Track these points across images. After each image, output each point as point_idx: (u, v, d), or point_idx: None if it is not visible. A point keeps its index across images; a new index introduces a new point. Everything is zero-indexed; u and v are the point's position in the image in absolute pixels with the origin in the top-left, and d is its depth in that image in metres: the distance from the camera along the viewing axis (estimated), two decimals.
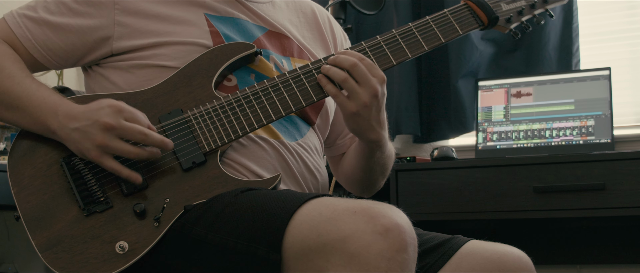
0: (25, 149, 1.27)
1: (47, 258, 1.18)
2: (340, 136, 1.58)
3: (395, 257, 1.00)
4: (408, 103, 2.86)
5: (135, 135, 1.20)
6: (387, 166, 1.49)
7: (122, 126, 1.19)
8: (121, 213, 1.21)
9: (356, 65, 1.27)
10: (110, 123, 1.18)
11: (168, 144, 1.23)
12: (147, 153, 1.22)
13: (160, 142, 1.22)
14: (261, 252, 1.07)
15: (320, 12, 1.59)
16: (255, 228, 1.10)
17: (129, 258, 1.18)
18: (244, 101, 1.30)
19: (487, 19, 1.42)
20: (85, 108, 1.22)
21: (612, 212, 2.15)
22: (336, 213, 1.04)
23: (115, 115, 1.19)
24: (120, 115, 1.20)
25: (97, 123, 1.19)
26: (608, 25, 2.82)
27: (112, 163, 1.21)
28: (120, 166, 1.21)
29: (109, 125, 1.18)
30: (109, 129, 1.19)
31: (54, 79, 2.78)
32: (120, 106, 1.21)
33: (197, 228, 1.17)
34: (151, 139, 1.21)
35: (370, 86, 1.27)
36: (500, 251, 1.30)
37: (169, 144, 1.23)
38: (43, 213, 1.21)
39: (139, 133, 1.20)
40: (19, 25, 1.33)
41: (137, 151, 1.21)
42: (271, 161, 1.33)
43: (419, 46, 1.37)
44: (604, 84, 2.49)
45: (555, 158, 2.25)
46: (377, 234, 1.00)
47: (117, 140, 1.20)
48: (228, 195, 1.19)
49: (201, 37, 1.34)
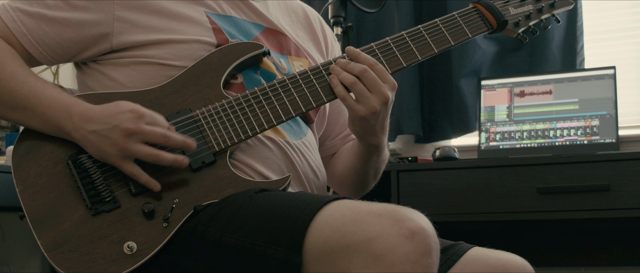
0: (30, 147, 1.25)
1: (54, 258, 1.17)
2: (330, 138, 1.58)
3: (420, 260, 1.00)
4: (409, 102, 2.86)
5: (158, 138, 1.20)
6: (380, 169, 1.50)
7: (144, 131, 1.18)
8: (129, 213, 1.20)
9: (366, 71, 1.27)
10: (132, 128, 1.18)
11: (191, 145, 1.22)
12: (172, 157, 1.21)
13: (183, 143, 1.21)
14: (281, 253, 1.07)
15: (311, 13, 1.59)
16: (274, 230, 1.09)
17: (137, 258, 1.17)
18: (254, 101, 1.29)
19: (496, 22, 1.43)
20: (104, 110, 1.21)
21: (617, 213, 2.15)
22: (360, 215, 1.04)
23: (137, 120, 1.18)
24: (142, 120, 1.19)
25: (117, 128, 1.18)
26: (613, 23, 2.81)
27: (132, 168, 1.20)
28: (140, 172, 1.20)
29: (131, 130, 1.18)
30: (131, 135, 1.18)
31: (49, 77, 2.76)
32: (141, 111, 1.20)
33: (210, 230, 1.16)
34: (173, 141, 1.21)
35: (381, 92, 1.27)
36: (504, 259, 1.31)
37: (192, 145, 1.22)
38: (49, 212, 1.20)
39: (161, 136, 1.20)
40: (13, 20, 1.29)
41: (159, 153, 1.20)
42: (277, 162, 1.33)
43: (428, 49, 1.37)
44: (608, 83, 2.48)
45: (559, 159, 2.25)
46: (403, 237, 1.00)
47: (139, 144, 1.19)
48: (242, 196, 1.19)
49: (204, 35, 1.34)
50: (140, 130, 1.18)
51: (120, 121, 1.18)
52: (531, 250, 1.33)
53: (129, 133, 1.18)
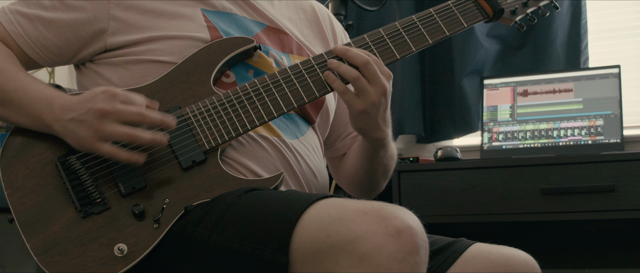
0: (18, 149, 1.25)
1: (43, 262, 1.16)
2: (341, 138, 1.58)
3: (407, 259, 0.99)
4: (411, 101, 2.85)
5: (132, 116, 1.17)
6: (389, 167, 1.49)
7: (117, 110, 1.16)
8: (119, 214, 1.20)
9: (368, 63, 1.26)
10: (105, 108, 1.16)
11: (170, 122, 1.20)
12: (149, 135, 1.18)
13: (160, 121, 1.19)
14: (267, 253, 1.06)
15: (320, 10, 1.58)
16: (261, 230, 1.08)
17: (128, 260, 1.17)
18: (244, 97, 1.28)
19: (492, 11, 1.41)
20: (80, 97, 1.20)
21: (621, 214, 2.13)
22: (346, 214, 1.03)
23: (110, 100, 1.17)
24: (115, 99, 1.17)
25: (91, 110, 1.17)
26: (617, 22, 2.80)
27: (109, 149, 1.18)
28: (117, 151, 1.18)
29: (104, 110, 1.16)
30: (104, 115, 1.16)
31: (46, 77, 2.77)
32: (113, 91, 1.18)
33: (199, 230, 1.16)
34: (149, 119, 1.18)
35: (380, 84, 1.26)
36: (507, 254, 1.30)
37: (172, 122, 1.20)
38: (38, 215, 1.20)
39: (136, 115, 1.17)
40: (10, 22, 1.31)
41: (134, 132, 1.17)
42: (272, 160, 1.32)
43: (422, 39, 1.36)
44: (613, 82, 2.47)
45: (563, 159, 2.23)
46: (389, 236, 0.99)
47: (114, 124, 1.17)
48: (231, 195, 1.18)
49: (198, 32, 1.33)
50: (114, 109, 1.16)
51: (94, 103, 1.17)
52: (534, 251, 1.33)
53: (102, 113, 1.16)
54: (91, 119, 1.17)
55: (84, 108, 1.18)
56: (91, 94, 1.19)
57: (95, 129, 1.16)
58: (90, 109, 1.17)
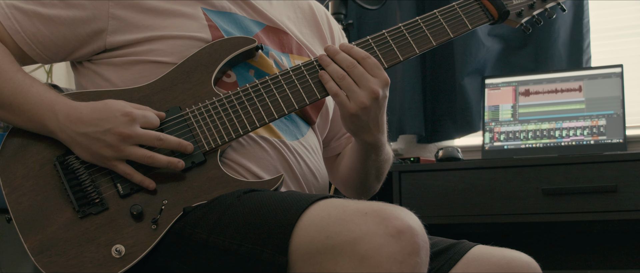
0: (17, 148, 1.24)
1: (40, 262, 1.16)
2: (336, 138, 1.57)
3: (407, 260, 0.98)
4: (412, 101, 2.84)
5: (153, 142, 1.20)
6: (382, 170, 1.48)
7: (138, 134, 1.19)
8: (117, 215, 1.20)
9: (355, 66, 1.26)
10: (126, 133, 1.18)
11: (186, 147, 1.23)
12: (166, 160, 1.21)
13: (178, 146, 1.22)
14: (266, 254, 1.06)
15: (318, 9, 1.58)
16: (260, 231, 1.08)
17: (125, 262, 1.17)
18: (245, 98, 1.28)
19: (498, 13, 1.40)
20: (94, 112, 1.21)
21: (624, 215, 2.13)
22: (346, 215, 1.02)
23: (131, 124, 1.19)
24: (136, 123, 1.19)
25: (110, 132, 1.18)
26: (620, 21, 2.79)
27: (126, 168, 1.21)
28: (133, 171, 1.21)
29: (126, 134, 1.19)
30: (125, 139, 1.18)
31: (43, 77, 2.74)
32: (134, 114, 1.20)
33: (197, 231, 1.16)
34: (167, 143, 1.21)
35: (369, 87, 1.26)
36: (508, 256, 1.29)
37: (188, 147, 1.23)
38: (36, 215, 1.19)
39: (156, 139, 1.20)
40: (7, 17, 1.30)
41: (153, 155, 1.20)
42: (272, 162, 1.31)
43: (426, 41, 1.35)
44: (616, 81, 2.46)
45: (565, 159, 2.23)
46: (389, 236, 0.98)
47: (134, 147, 1.20)
48: (230, 197, 1.18)
49: (199, 31, 1.32)
50: (135, 134, 1.19)
51: (114, 125, 1.18)
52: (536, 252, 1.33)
53: (123, 137, 1.18)
54: (110, 141, 1.18)
55: (101, 127, 1.18)
56: (108, 112, 1.20)
57: (115, 150, 1.19)
58: (108, 130, 1.18)
